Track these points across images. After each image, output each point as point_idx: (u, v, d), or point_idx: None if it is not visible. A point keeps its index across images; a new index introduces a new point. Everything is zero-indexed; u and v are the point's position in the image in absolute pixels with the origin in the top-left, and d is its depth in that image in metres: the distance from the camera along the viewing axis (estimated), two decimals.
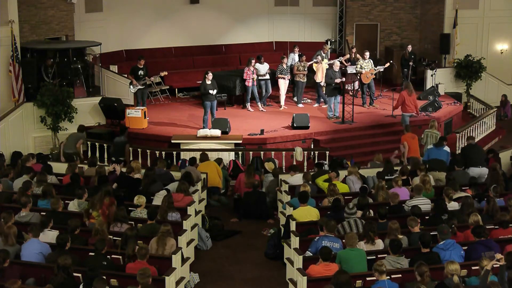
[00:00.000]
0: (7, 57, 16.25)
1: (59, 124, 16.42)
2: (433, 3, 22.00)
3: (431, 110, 18.30)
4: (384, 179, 11.90)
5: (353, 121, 17.39)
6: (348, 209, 10.19)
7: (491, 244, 8.99)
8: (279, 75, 18.72)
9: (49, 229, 9.46)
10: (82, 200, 10.86)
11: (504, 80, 21.25)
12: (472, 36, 21.21)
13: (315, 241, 9.25)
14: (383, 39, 23.31)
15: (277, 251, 10.84)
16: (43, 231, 9.31)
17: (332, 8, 23.68)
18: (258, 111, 18.60)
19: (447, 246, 8.81)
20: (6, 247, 8.81)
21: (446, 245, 8.82)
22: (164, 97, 20.42)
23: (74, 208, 10.83)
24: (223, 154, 15.23)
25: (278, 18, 23.68)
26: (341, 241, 9.24)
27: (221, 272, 10.51)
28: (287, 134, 16.45)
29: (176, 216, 10.57)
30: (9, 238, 8.96)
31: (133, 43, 21.74)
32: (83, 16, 20.26)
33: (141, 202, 10.76)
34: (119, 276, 8.44)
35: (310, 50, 20.73)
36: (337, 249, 9.02)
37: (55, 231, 9.46)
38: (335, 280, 7.80)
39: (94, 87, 18.51)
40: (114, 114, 17.35)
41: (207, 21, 22.69)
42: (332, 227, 9.38)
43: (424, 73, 20.62)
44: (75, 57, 17.67)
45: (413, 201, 10.75)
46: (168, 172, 12.93)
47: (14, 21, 16.32)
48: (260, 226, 12.36)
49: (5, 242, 8.95)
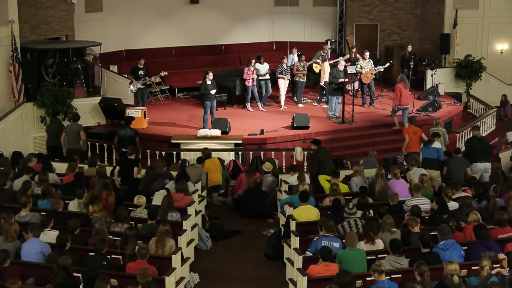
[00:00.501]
0: (7, 57, 16.24)
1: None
2: (433, 3, 22.00)
3: (431, 110, 18.30)
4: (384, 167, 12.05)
5: (353, 121, 17.39)
6: (348, 209, 10.20)
7: (491, 244, 9.00)
8: (279, 75, 18.72)
9: (49, 229, 9.47)
10: (82, 200, 10.86)
11: (504, 80, 21.24)
12: (472, 36, 21.20)
13: (314, 241, 9.25)
14: (383, 39, 23.31)
15: (277, 251, 10.84)
16: (44, 231, 9.31)
17: (332, 8, 23.68)
18: (258, 111, 18.60)
19: (447, 246, 8.81)
20: (6, 244, 8.84)
21: (446, 245, 8.82)
22: (164, 97, 20.43)
23: (75, 208, 10.85)
24: (223, 154, 15.23)
25: (278, 18, 23.69)
26: (341, 241, 9.24)
27: (221, 272, 10.51)
28: (287, 134, 16.46)
29: (176, 216, 10.58)
30: (9, 235, 8.96)
31: (133, 43, 21.74)
32: (83, 16, 20.26)
33: (141, 202, 10.77)
34: (119, 276, 8.44)
35: (310, 50, 20.76)
36: (336, 249, 9.03)
37: (55, 231, 9.46)
38: (338, 280, 7.79)
39: (94, 87, 18.50)
40: (114, 114, 17.37)
41: (207, 21, 22.69)
42: (331, 227, 9.38)
43: (424, 73, 20.62)
44: (75, 57, 17.65)
45: (413, 201, 10.75)
46: (168, 172, 12.94)
47: (14, 21, 16.31)
48: (260, 226, 12.37)
49: (5, 238, 8.97)
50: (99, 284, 7.56)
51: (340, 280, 7.77)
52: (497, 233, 9.70)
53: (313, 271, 8.60)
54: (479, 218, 9.70)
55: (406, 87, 16.72)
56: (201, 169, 13.27)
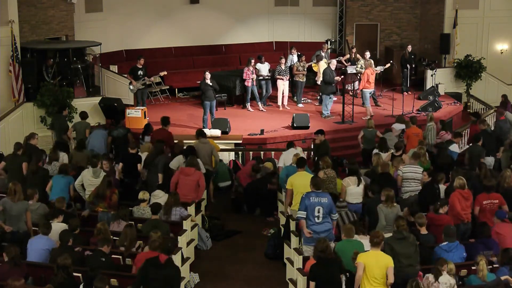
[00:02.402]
0: (7, 57, 16.25)
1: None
2: (433, 3, 22.01)
3: (431, 110, 18.30)
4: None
5: (353, 121, 17.40)
6: (338, 202, 10.32)
7: (491, 244, 9.03)
8: (277, 76, 18.72)
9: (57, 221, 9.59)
10: (97, 168, 11.10)
11: (504, 80, 21.25)
12: (472, 36, 21.21)
13: (303, 198, 9.32)
14: (383, 39, 23.32)
15: (277, 251, 10.84)
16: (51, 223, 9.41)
17: (332, 8, 23.68)
18: (258, 111, 18.61)
19: (450, 248, 8.88)
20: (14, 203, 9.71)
21: (449, 247, 8.88)
22: (164, 97, 20.43)
23: (90, 177, 11.02)
24: (223, 154, 15.23)
25: (278, 18, 23.69)
26: (329, 195, 9.37)
27: (221, 272, 10.51)
28: (287, 134, 16.46)
29: (181, 211, 10.60)
30: (16, 195, 9.68)
31: (133, 43, 21.75)
32: (83, 16, 20.27)
33: (146, 197, 10.78)
34: (119, 276, 8.44)
35: (310, 50, 20.77)
36: (325, 204, 9.13)
37: (63, 224, 9.57)
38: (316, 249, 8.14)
39: (94, 87, 18.51)
40: (114, 114, 17.35)
41: (207, 21, 22.69)
42: (318, 183, 9.43)
43: (424, 73, 20.63)
44: (75, 57, 17.66)
45: (408, 168, 11.21)
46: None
47: (14, 21, 16.32)
48: (260, 226, 12.37)
49: (13, 198, 9.54)
50: (98, 284, 7.56)
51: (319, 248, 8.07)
52: (483, 198, 10.05)
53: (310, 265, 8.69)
54: (464, 183, 10.00)
55: (373, 72, 18.08)
56: (209, 144, 13.22)
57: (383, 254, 7.98)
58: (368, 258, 7.92)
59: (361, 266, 7.85)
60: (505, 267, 8.35)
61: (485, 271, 8.29)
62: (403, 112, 17.86)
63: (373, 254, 7.96)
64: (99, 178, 10.93)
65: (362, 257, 7.92)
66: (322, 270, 7.82)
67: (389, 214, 9.58)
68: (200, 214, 11.81)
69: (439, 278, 7.97)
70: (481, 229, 9.25)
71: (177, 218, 10.49)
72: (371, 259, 7.89)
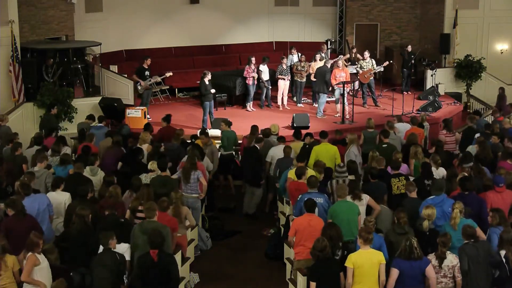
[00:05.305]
0: (7, 57, 16.24)
1: (59, 124, 16.40)
2: (433, 3, 22.01)
3: (431, 110, 18.31)
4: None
5: (353, 121, 17.40)
6: (338, 167, 10.32)
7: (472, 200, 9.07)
8: (278, 76, 18.72)
9: (61, 190, 9.90)
10: (95, 166, 11.13)
11: (504, 80, 21.22)
12: (472, 36, 21.22)
13: (298, 200, 9.37)
14: (383, 39, 23.32)
15: (277, 251, 10.85)
16: (56, 191, 9.84)
17: (332, 8, 23.69)
18: (258, 111, 18.61)
19: (435, 201, 8.93)
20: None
21: (434, 200, 8.95)
22: (164, 97, 20.43)
23: (87, 174, 11.03)
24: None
25: (278, 18, 23.70)
26: (326, 196, 9.42)
27: (221, 272, 10.53)
28: (287, 134, 16.42)
29: (199, 174, 10.87)
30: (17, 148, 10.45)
31: (133, 43, 21.75)
32: (83, 16, 20.27)
33: (154, 167, 10.86)
34: None
35: (310, 50, 20.76)
36: (321, 204, 9.18)
37: (66, 193, 9.89)
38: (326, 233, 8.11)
39: (94, 87, 18.50)
40: (114, 114, 17.34)
41: (207, 21, 22.69)
42: (314, 182, 9.49)
43: (424, 73, 20.64)
44: (75, 57, 17.66)
45: None
46: (179, 147, 12.86)
47: (14, 21, 16.32)
48: (260, 226, 12.38)
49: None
50: (103, 237, 8.00)
51: (328, 234, 8.07)
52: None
53: (296, 222, 8.78)
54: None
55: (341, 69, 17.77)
56: (211, 146, 13.26)
57: (374, 251, 7.82)
58: (359, 258, 7.73)
59: (350, 272, 7.66)
60: (497, 227, 8.34)
61: (457, 219, 8.30)
62: (403, 112, 17.86)
63: (364, 253, 7.77)
64: (96, 175, 10.96)
65: (353, 258, 7.73)
66: (322, 270, 7.81)
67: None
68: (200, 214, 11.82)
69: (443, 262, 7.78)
70: (464, 182, 9.30)
71: (195, 181, 10.81)
72: (363, 259, 7.72)
